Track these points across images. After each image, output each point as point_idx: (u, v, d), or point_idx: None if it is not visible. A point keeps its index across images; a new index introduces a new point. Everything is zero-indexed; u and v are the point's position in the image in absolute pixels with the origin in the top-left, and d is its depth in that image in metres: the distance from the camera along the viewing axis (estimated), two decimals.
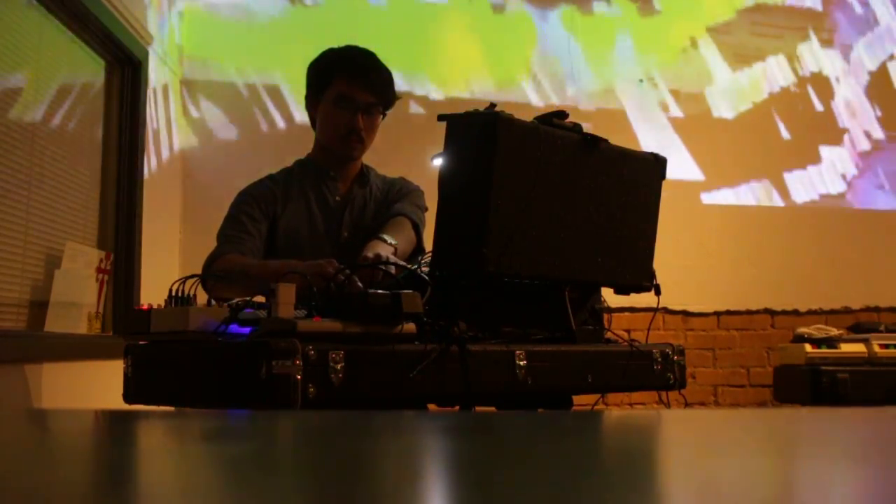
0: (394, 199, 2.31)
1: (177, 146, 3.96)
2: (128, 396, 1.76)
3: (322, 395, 1.49)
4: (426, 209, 2.34)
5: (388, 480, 0.59)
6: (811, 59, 4.80)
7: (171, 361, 1.69)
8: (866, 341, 3.76)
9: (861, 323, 4.12)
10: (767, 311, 4.54)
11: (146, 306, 1.67)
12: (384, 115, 2.30)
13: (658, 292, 2.08)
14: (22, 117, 2.73)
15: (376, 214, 2.29)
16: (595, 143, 1.89)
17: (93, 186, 3.23)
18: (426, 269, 1.78)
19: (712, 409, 4.13)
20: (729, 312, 4.49)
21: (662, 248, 2.12)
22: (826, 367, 3.69)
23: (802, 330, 3.89)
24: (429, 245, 1.87)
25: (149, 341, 1.73)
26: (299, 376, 1.47)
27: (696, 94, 4.63)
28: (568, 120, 1.88)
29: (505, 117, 1.72)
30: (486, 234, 1.69)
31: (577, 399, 2.15)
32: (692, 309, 4.43)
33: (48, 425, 1.12)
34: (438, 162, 1.77)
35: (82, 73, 3.17)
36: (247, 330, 1.59)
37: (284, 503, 0.49)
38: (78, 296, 2.96)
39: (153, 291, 2.97)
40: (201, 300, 1.69)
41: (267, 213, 2.23)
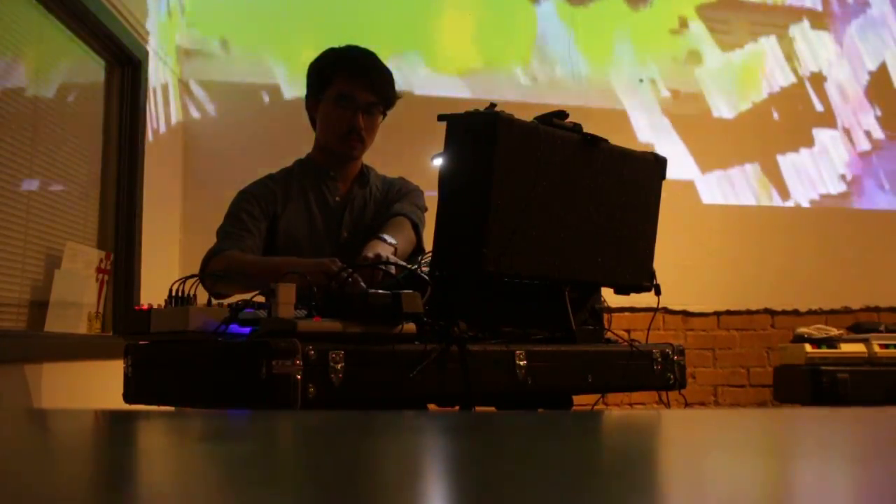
0: (393, 199, 2.31)
1: (176, 146, 3.96)
2: (128, 396, 1.76)
3: (322, 395, 1.49)
4: (426, 209, 2.34)
5: (388, 480, 0.59)
6: (811, 60, 4.80)
7: (171, 361, 1.69)
8: (866, 341, 3.76)
9: (861, 323, 4.12)
10: (767, 311, 4.54)
11: (146, 306, 1.67)
12: (384, 115, 2.30)
13: (658, 292, 2.08)
14: (22, 117, 2.73)
15: (376, 214, 2.29)
16: (595, 143, 1.89)
17: (93, 186, 3.22)
18: (426, 269, 1.78)
19: (712, 409, 4.13)
20: (729, 312, 4.49)
21: (662, 248, 2.12)
22: (826, 367, 3.69)
23: (802, 330, 3.89)
24: (429, 245, 1.87)
25: (149, 341, 1.73)
26: (299, 376, 1.47)
27: (696, 94, 4.63)
28: (568, 120, 1.88)
29: (505, 117, 1.72)
30: (486, 234, 1.69)
31: (577, 399, 2.15)
32: (692, 309, 4.43)
33: (48, 425, 1.12)
34: (438, 162, 1.77)
35: (82, 73, 3.17)
36: (247, 330, 1.59)
37: (284, 503, 0.49)
38: (78, 296, 2.96)
39: (153, 291, 2.97)
40: (201, 300, 1.69)
41: (267, 213, 2.23)
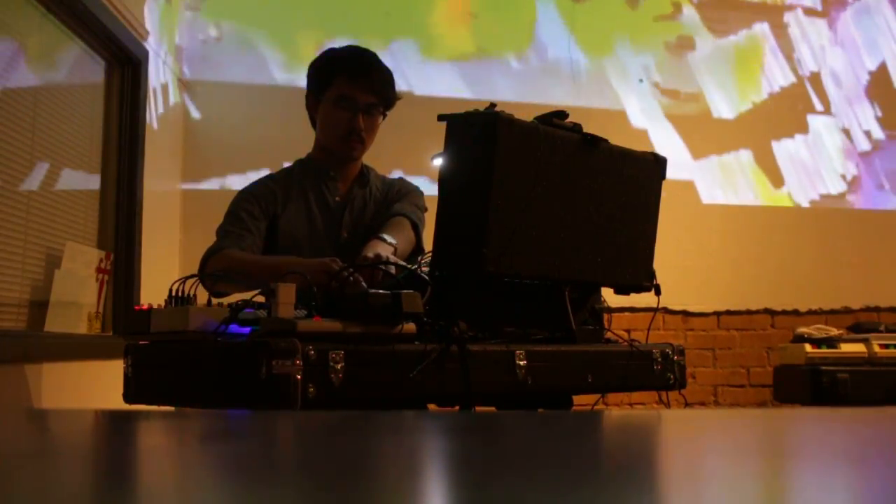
0: (393, 199, 2.31)
1: (176, 146, 3.96)
2: (128, 396, 1.76)
3: (322, 395, 1.49)
4: (426, 209, 2.34)
5: (388, 480, 0.59)
6: (811, 59, 4.79)
7: (171, 361, 1.69)
8: (866, 341, 3.76)
9: (861, 323, 4.11)
10: (767, 311, 4.54)
11: (146, 306, 1.67)
12: (385, 116, 2.30)
13: (658, 292, 2.08)
14: (21, 117, 2.73)
15: (376, 215, 2.29)
16: (595, 143, 1.89)
17: (93, 186, 3.22)
18: (426, 269, 1.78)
19: (712, 409, 4.13)
20: (729, 312, 4.49)
21: (662, 248, 2.12)
22: (826, 367, 3.69)
23: (802, 330, 3.89)
24: (429, 245, 1.87)
25: (149, 341, 1.73)
26: (299, 376, 1.47)
27: (696, 94, 4.63)
28: (568, 120, 1.88)
29: (505, 117, 1.71)
30: (486, 234, 1.69)
31: (577, 399, 2.15)
32: (692, 309, 4.43)
33: (48, 425, 1.12)
34: (438, 162, 1.77)
35: (82, 73, 3.17)
36: (247, 330, 1.59)
37: (284, 503, 0.49)
38: (78, 296, 2.96)
39: (153, 291, 2.97)
40: (201, 300, 1.69)
41: (267, 212, 2.23)
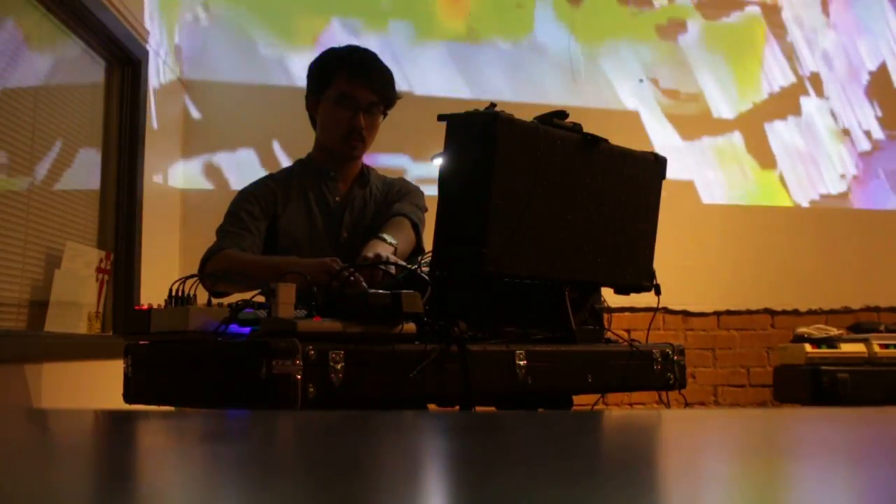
0: (393, 199, 2.31)
1: (176, 146, 3.96)
2: (128, 396, 1.76)
3: (322, 395, 1.49)
4: (426, 209, 2.34)
5: (388, 480, 0.59)
6: (811, 59, 4.80)
7: (171, 361, 1.69)
8: (866, 341, 3.76)
9: (861, 323, 4.11)
10: (767, 311, 4.54)
11: (146, 306, 1.67)
12: (385, 115, 2.30)
13: (658, 292, 2.08)
14: (21, 117, 2.73)
15: (376, 215, 2.29)
16: (595, 143, 1.89)
17: (93, 186, 3.22)
18: (426, 269, 1.78)
19: (712, 409, 4.13)
20: (729, 312, 4.49)
21: (662, 248, 2.12)
22: (826, 367, 3.69)
23: (802, 330, 3.89)
24: (429, 245, 1.87)
25: (149, 341, 1.73)
26: (299, 376, 1.47)
27: (696, 95, 4.63)
28: (568, 120, 1.88)
29: (505, 117, 1.72)
30: (486, 234, 1.69)
31: (577, 399, 2.15)
32: (692, 309, 4.43)
33: (48, 425, 1.12)
34: (438, 162, 1.77)
35: (82, 73, 3.17)
36: (247, 330, 1.59)
37: (284, 503, 0.49)
38: (78, 296, 2.96)
39: (153, 291, 2.97)
40: (201, 300, 1.69)
41: (267, 212, 2.23)
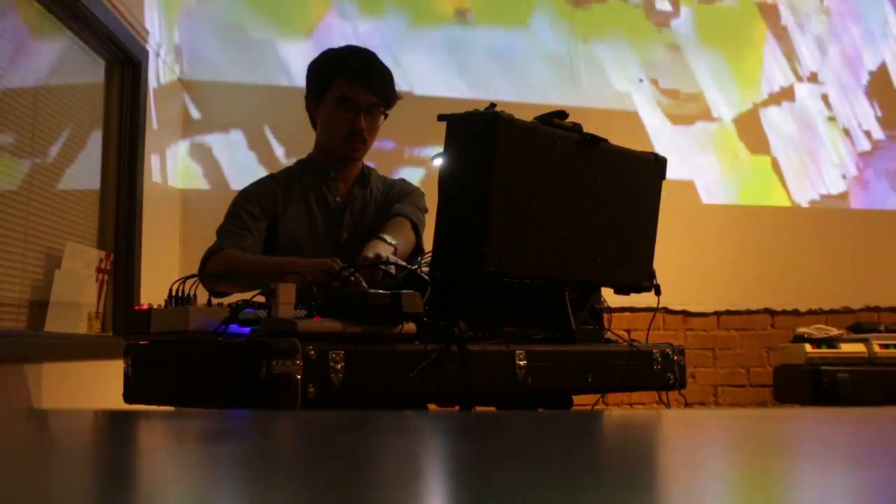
0: (394, 199, 2.31)
1: (176, 146, 3.96)
2: (128, 396, 1.76)
3: (322, 395, 1.49)
4: (426, 210, 2.34)
5: (388, 480, 0.59)
6: (811, 59, 4.79)
7: (171, 361, 1.69)
8: (866, 341, 3.76)
9: (861, 323, 4.11)
10: (767, 311, 4.54)
11: (146, 306, 1.67)
12: (385, 116, 2.30)
13: (658, 292, 2.08)
14: (21, 117, 2.73)
15: (376, 215, 2.29)
16: (595, 143, 1.89)
17: (93, 186, 3.22)
18: (426, 269, 1.78)
19: (712, 409, 4.13)
20: (729, 312, 4.49)
21: (662, 248, 2.12)
22: (826, 367, 3.69)
23: (802, 330, 3.89)
24: (429, 246, 1.87)
25: (149, 341, 1.73)
26: (299, 376, 1.47)
27: (696, 94, 4.63)
28: (568, 120, 1.88)
29: (505, 117, 1.72)
30: (486, 234, 1.69)
31: (577, 399, 2.15)
32: (692, 309, 4.43)
33: (48, 425, 1.12)
34: (438, 162, 1.77)
35: (82, 73, 3.17)
36: (247, 330, 1.59)
37: (284, 503, 0.49)
38: (78, 296, 2.96)
39: (153, 291, 2.97)
40: (201, 300, 1.69)
41: (267, 212, 2.23)
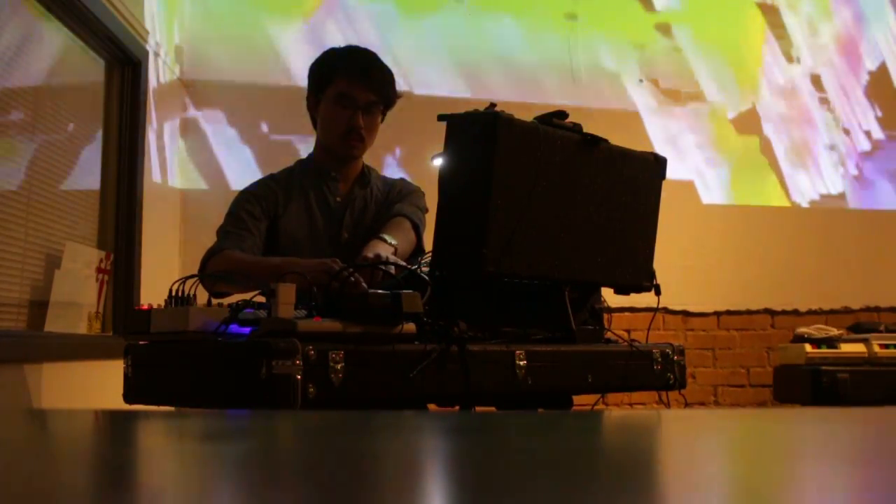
0: (394, 199, 2.31)
1: (176, 146, 3.96)
2: (128, 396, 1.76)
3: (322, 395, 1.49)
4: (426, 210, 2.34)
5: (388, 480, 0.59)
6: (811, 59, 4.79)
7: (171, 361, 1.69)
8: (866, 341, 3.76)
9: (861, 323, 4.11)
10: (767, 311, 4.54)
11: (146, 306, 1.67)
12: (385, 115, 2.30)
13: (658, 292, 2.08)
14: (21, 117, 2.73)
15: (377, 215, 2.29)
16: (595, 143, 1.90)
17: (93, 186, 3.22)
18: (426, 269, 1.78)
19: (712, 409, 4.13)
20: (729, 312, 4.49)
21: (662, 248, 2.11)
22: (826, 367, 3.68)
23: (802, 330, 3.89)
24: (429, 246, 1.87)
25: (149, 341, 1.73)
26: (299, 376, 1.47)
27: (696, 94, 4.63)
28: (568, 120, 1.88)
29: (505, 117, 1.72)
30: (486, 234, 1.69)
31: (577, 399, 2.15)
32: (692, 309, 4.43)
33: (48, 425, 1.12)
34: (438, 162, 1.77)
35: (82, 73, 3.17)
36: (247, 330, 1.59)
37: (284, 503, 0.49)
38: (78, 296, 2.96)
39: (153, 291, 2.97)
40: (201, 300, 1.69)
41: (267, 212, 2.23)
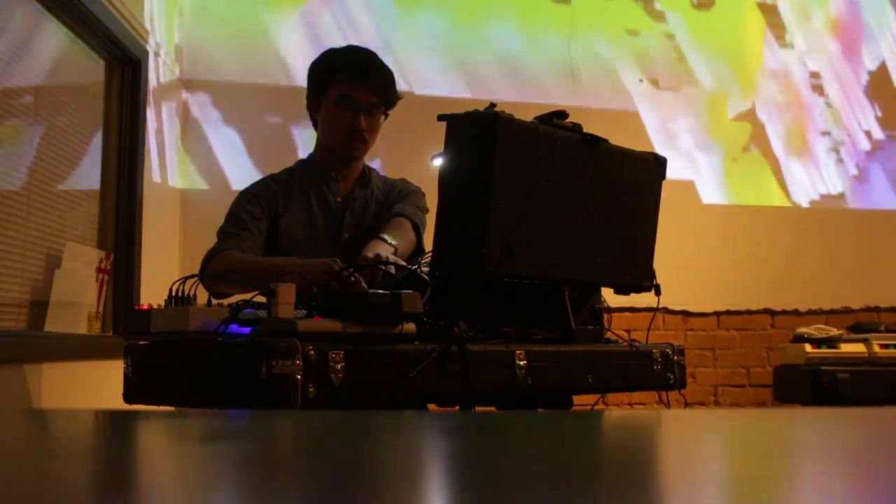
0: (395, 200, 2.31)
1: (176, 146, 3.96)
2: (128, 396, 1.76)
3: (322, 395, 1.49)
4: (427, 210, 2.34)
5: (388, 481, 0.59)
6: (811, 58, 4.79)
7: (171, 361, 1.69)
8: (866, 341, 3.76)
9: (861, 323, 4.11)
10: (767, 311, 4.54)
11: (146, 306, 1.67)
12: (386, 115, 2.30)
13: (658, 292, 2.08)
14: (21, 117, 2.73)
15: (377, 216, 2.29)
16: (595, 143, 1.90)
17: (93, 186, 3.22)
18: (426, 269, 1.78)
19: (712, 409, 4.13)
20: (729, 312, 4.49)
21: (662, 248, 2.12)
22: (826, 367, 3.68)
23: (802, 330, 3.89)
24: (429, 246, 1.87)
25: (149, 341, 1.73)
26: (299, 376, 1.47)
27: (696, 94, 4.62)
28: (568, 120, 1.88)
29: (505, 117, 1.72)
30: (486, 234, 1.69)
31: (577, 399, 2.15)
32: (692, 309, 4.43)
33: (48, 425, 1.12)
34: (438, 162, 1.77)
35: (82, 73, 3.17)
36: (247, 330, 1.59)
37: (284, 503, 0.49)
38: (78, 296, 2.96)
39: (153, 291, 2.97)
40: (201, 300, 1.69)
41: (268, 212, 2.23)
